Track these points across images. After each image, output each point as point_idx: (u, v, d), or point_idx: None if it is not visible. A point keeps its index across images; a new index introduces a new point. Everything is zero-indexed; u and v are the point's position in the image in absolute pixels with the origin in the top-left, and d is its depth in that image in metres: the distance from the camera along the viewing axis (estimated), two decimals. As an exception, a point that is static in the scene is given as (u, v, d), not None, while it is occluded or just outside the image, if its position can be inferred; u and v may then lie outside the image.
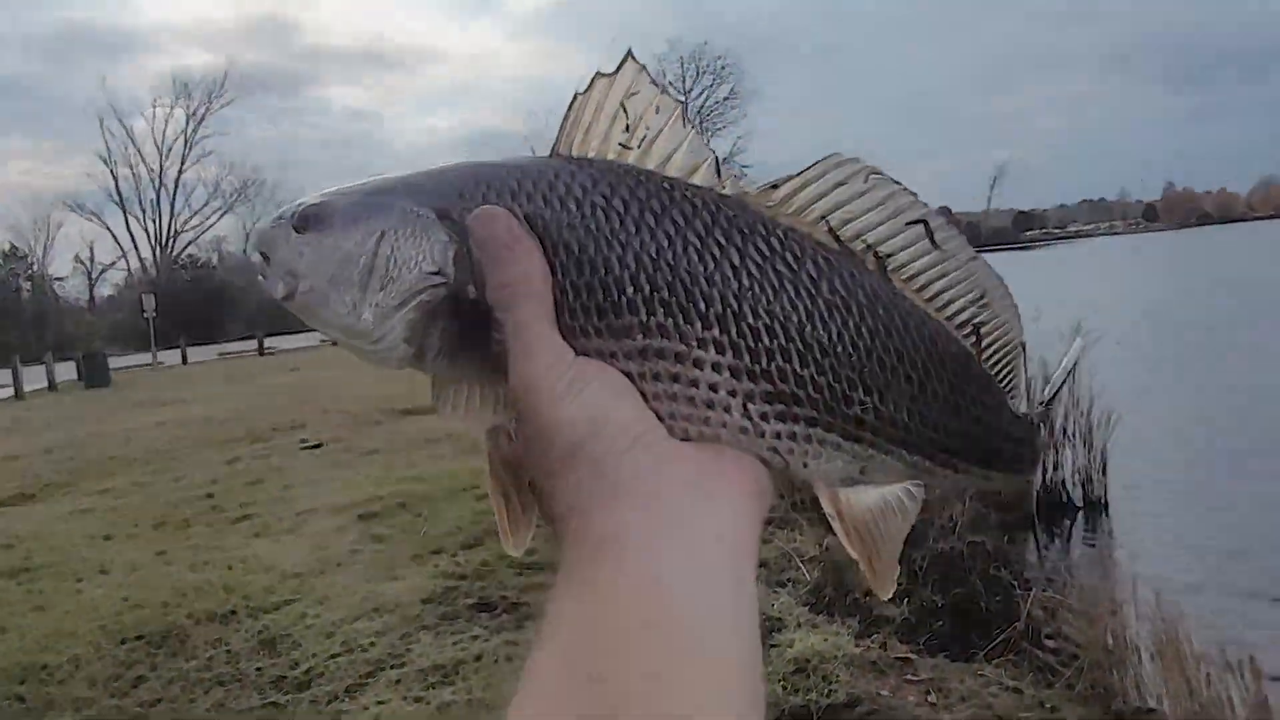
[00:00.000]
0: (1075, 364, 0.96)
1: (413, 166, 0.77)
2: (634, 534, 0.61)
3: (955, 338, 0.75)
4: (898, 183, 0.72)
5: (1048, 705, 3.94)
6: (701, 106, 49.80)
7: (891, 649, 4.37)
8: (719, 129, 50.22)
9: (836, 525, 0.75)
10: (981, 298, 0.75)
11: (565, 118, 0.72)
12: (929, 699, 3.96)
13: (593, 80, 0.71)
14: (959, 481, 0.78)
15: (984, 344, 0.76)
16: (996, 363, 0.77)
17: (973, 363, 0.76)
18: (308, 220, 0.74)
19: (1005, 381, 0.78)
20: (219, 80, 68.33)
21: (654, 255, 0.69)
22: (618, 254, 0.69)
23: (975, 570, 5.46)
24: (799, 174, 0.71)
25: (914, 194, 0.72)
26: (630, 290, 0.69)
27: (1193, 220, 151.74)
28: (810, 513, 5.69)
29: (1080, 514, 7.49)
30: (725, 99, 49.92)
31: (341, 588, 5.54)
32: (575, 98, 0.71)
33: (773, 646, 4.25)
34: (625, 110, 0.71)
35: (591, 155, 0.72)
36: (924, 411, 0.73)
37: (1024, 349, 0.79)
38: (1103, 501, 7.52)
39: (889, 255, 0.72)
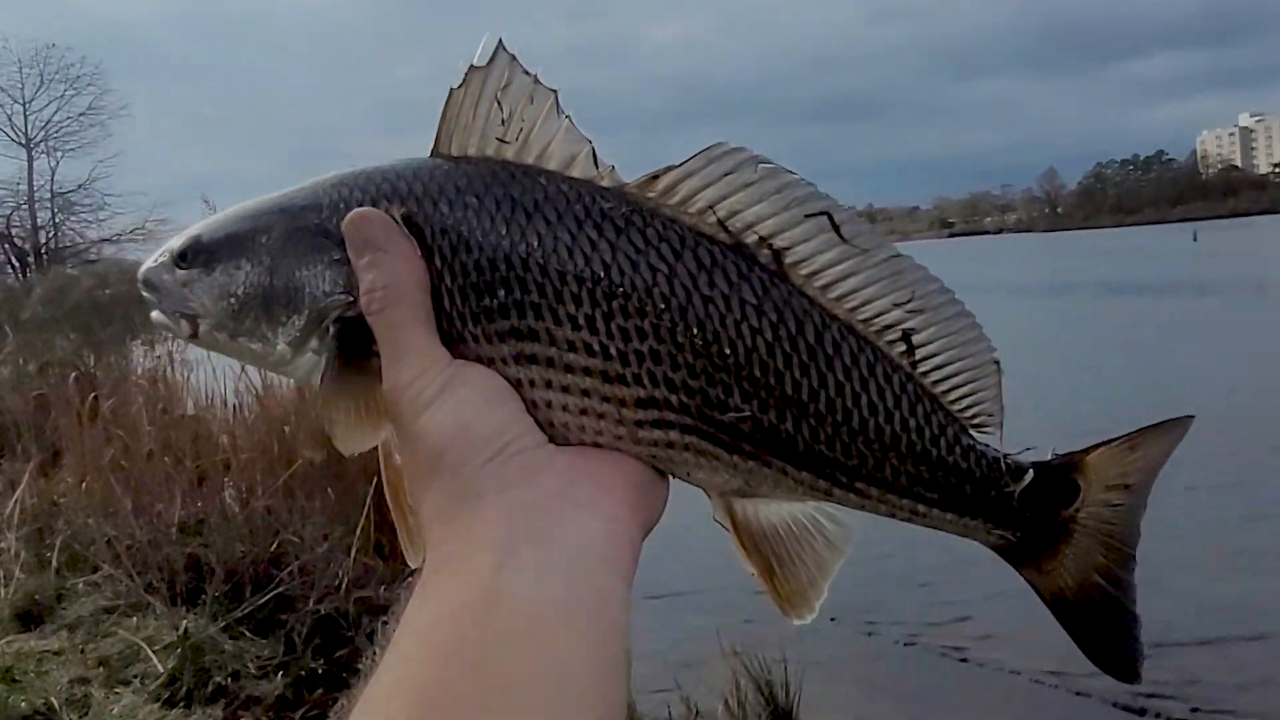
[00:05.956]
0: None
1: None
2: (487, 545, 0.63)
3: (873, 344, 0.72)
4: (792, 172, 0.70)
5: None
6: (49, 121, 43.81)
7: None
8: (72, 149, 44.60)
9: (729, 537, 0.75)
10: (909, 300, 0.71)
11: (442, 114, 0.74)
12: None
13: (466, 74, 0.71)
14: (896, 514, 0.74)
15: (917, 355, 0.72)
16: (943, 380, 0.73)
17: (897, 375, 0.72)
18: (187, 255, 0.77)
19: (964, 406, 0.74)
20: None
21: (524, 255, 0.70)
22: (489, 256, 0.70)
23: (363, 628, 5.49)
24: (681, 164, 0.70)
25: (812, 185, 0.70)
26: (502, 293, 0.70)
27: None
28: (163, 593, 5.29)
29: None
30: (83, 114, 44.48)
31: None
32: (450, 93, 0.72)
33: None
34: (500, 104, 0.72)
35: (470, 152, 0.73)
36: (815, 425, 0.70)
37: (999, 368, 0.74)
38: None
39: (786, 249, 0.70)
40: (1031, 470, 0.75)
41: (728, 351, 0.69)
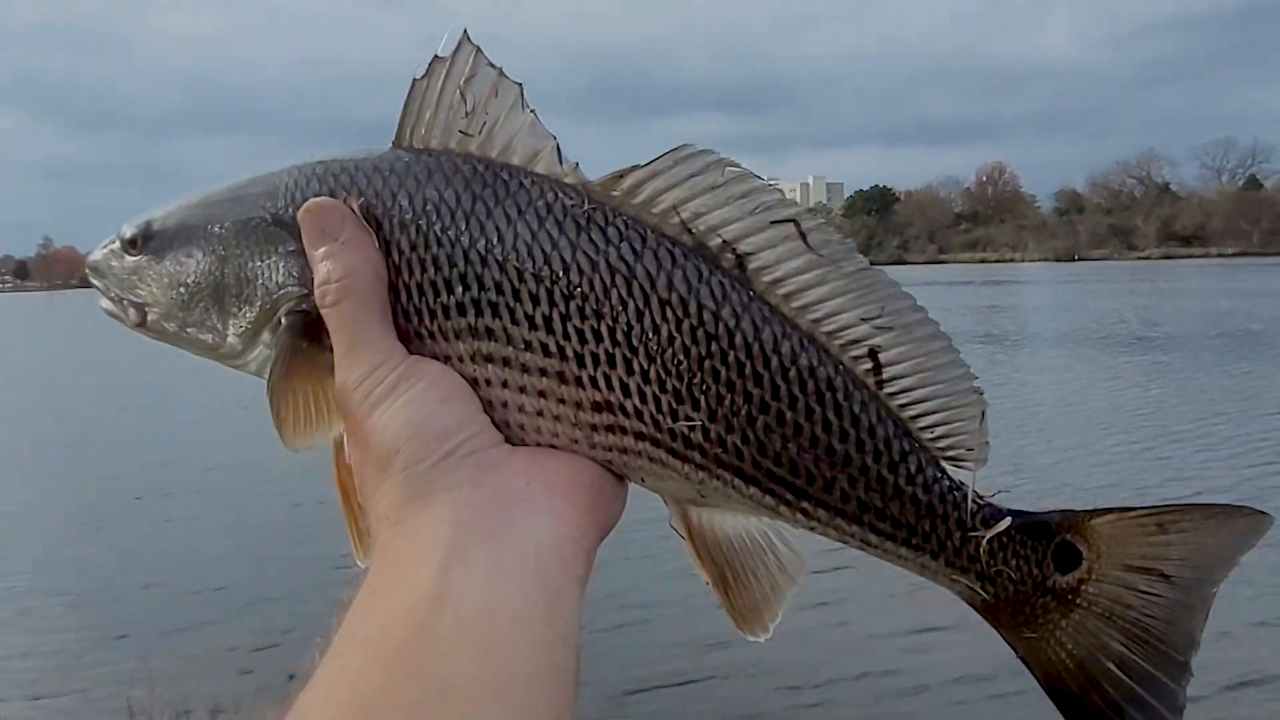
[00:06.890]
0: None
1: None
2: (436, 546, 0.61)
3: (834, 359, 0.69)
4: (759, 177, 0.69)
5: None
6: None
7: None
8: None
9: (685, 545, 0.74)
10: (878, 316, 0.69)
11: (404, 105, 0.72)
12: None
13: (430, 65, 0.70)
14: (848, 540, 0.70)
15: (884, 374, 0.69)
16: (912, 404, 0.70)
17: (858, 394, 0.69)
18: (138, 241, 0.76)
19: (936, 435, 0.70)
20: None
21: (483, 252, 0.69)
22: (448, 251, 0.69)
23: None
24: (647, 164, 0.69)
25: (780, 191, 0.69)
26: (461, 290, 0.69)
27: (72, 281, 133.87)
28: None
29: None
30: None
31: None
32: (413, 83, 0.71)
33: None
34: (464, 96, 0.71)
35: (433, 144, 0.72)
36: (765, 438, 0.68)
37: (981, 397, 0.69)
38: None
39: (750, 254, 0.69)
40: (1009, 518, 0.69)
41: (681, 358, 0.67)
